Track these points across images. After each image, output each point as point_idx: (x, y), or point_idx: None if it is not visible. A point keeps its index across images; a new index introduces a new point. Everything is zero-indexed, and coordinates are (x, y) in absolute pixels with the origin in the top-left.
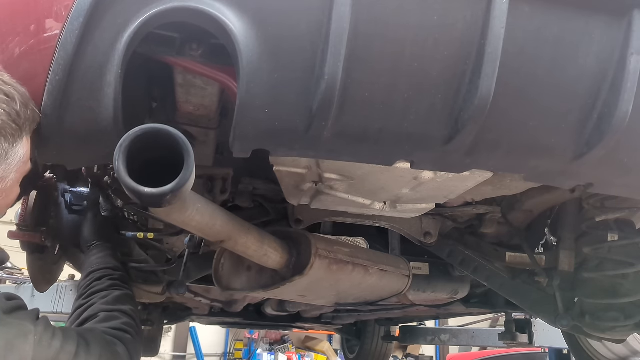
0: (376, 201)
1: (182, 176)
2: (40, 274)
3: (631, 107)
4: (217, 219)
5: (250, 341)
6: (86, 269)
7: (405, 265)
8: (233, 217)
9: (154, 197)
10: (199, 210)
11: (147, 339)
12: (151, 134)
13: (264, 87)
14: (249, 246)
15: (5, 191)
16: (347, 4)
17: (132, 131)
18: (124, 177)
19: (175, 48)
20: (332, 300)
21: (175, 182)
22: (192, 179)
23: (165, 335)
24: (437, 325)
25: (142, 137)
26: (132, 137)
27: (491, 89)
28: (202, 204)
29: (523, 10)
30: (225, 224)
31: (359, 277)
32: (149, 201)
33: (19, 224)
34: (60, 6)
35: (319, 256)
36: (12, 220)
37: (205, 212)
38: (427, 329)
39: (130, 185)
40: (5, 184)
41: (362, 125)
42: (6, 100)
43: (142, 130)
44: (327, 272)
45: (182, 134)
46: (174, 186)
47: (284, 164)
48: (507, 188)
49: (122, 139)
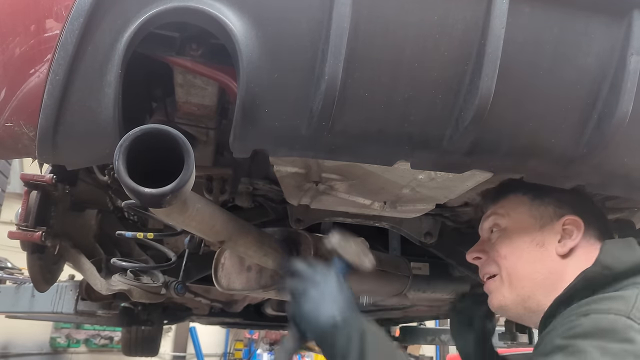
0: (376, 201)
1: (182, 176)
2: (40, 274)
3: (631, 107)
4: (217, 219)
5: (250, 341)
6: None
7: (405, 266)
8: (233, 217)
9: (154, 198)
10: (199, 211)
11: (147, 339)
12: (151, 135)
13: (264, 87)
14: (249, 246)
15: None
16: (347, 3)
17: (132, 131)
18: (124, 178)
19: (175, 48)
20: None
21: (175, 183)
22: (192, 179)
23: (165, 335)
24: (437, 325)
25: (142, 138)
26: (132, 137)
27: (491, 89)
28: (202, 204)
29: (523, 11)
30: (225, 224)
31: (358, 276)
32: (149, 201)
33: (19, 224)
34: (60, 6)
35: (319, 256)
36: (12, 220)
37: (205, 213)
38: (427, 329)
39: (131, 185)
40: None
41: (362, 125)
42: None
43: (142, 131)
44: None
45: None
46: (173, 186)
47: (284, 164)
48: None
49: (122, 139)
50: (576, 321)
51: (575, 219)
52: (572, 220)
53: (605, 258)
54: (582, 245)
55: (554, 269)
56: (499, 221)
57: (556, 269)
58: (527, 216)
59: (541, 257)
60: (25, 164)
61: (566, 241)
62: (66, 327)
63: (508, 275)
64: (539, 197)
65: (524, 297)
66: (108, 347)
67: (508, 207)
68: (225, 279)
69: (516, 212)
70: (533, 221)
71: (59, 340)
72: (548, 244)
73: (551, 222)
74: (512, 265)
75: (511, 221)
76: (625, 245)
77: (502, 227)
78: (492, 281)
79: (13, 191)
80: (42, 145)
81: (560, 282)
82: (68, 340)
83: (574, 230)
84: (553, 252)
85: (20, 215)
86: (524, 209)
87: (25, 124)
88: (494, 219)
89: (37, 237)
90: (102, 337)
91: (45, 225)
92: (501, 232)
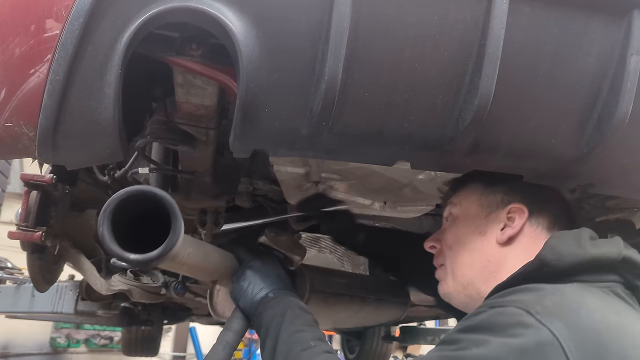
0: (376, 201)
1: (168, 241)
2: (40, 274)
3: (631, 107)
4: (210, 262)
5: (250, 341)
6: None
7: (402, 291)
8: (226, 256)
9: (140, 264)
10: (191, 255)
11: (147, 339)
12: (136, 197)
13: (264, 87)
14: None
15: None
16: (347, 3)
17: (117, 194)
18: (109, 244)
19: (175, 48)
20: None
21: (162, 248)
22: (181, 241)
23: (165, 335)
24: (437, 325)
25: (127, 201)
26: (117, 201)
27: (491, 89)
28: (193, 248)
29: (523, 11)
30: (219, 265)
31: (356, 307)
32: (135, 266)
33: (19, 224)
34: (60, 6)
35: (315, 290)
36: (12, 220)
37: (197, 256)
38: (427, 329)
39: (116, 252)
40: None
41: (362, 125)
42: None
43: (127, 194)
44: (323, 306)
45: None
46: (160, 252)
47: (284, 164)
48: None
49: (107, 203)
50: (477, 315)
51: (520, 207)
52: (516, 209)
53: (546, 254)
54: (526, 234)
55: (493, 257)
56: (452, 210)
57: (495, 257)
58: (476, 205)
59: (481, 245)
60: (25, 164)
61: (506, 229)
62: (66, 327)
63: (451, 264)
64: (490, 186)
65: (464, 285)
66: (108, 347)
67: (462, 196)
68: (220, 307)
69: (467, 200)
70: (480, 209)
71: (59, 340)
72: (490, 232)
73: (497, 210)
74: (455, 254)
75: (461, 209)
76: (572, 241)
77: (454, 216)
78: (440, 270)
79: (13, 191)
80: (42, 145)
81: (499, 270)
82: (68, 340)
83: (515, 219)
84: (493, 240)
85: (20, 215)
86: (474, 198)
87: (25, 124)
88: (449, 208)
89: (37, 237)
90: (102, 337)
91: (45, 225)
92: (452, 221)
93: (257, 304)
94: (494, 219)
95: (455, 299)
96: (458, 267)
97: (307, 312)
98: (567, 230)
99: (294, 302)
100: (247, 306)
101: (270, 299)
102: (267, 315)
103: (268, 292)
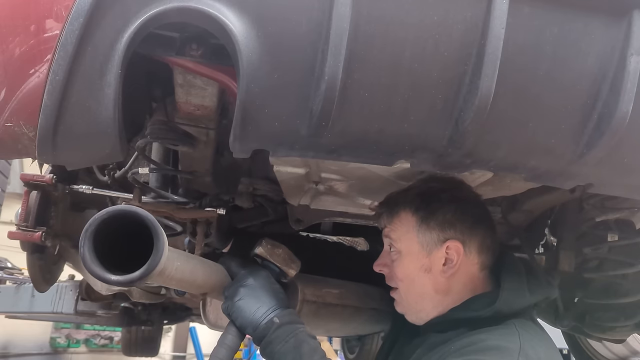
0: (376, 201)
1: (150, 261)
2: (40, 274)
3: (631, 107)
4: (198, 275)
5: (250, 341)
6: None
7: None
8: (215, 268)
9: (123, 284)
10: (178, 269)
11: (147, 339)
12: (118, 217)
13: (264, 87)
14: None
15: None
16: (347, 3)
17: (98, 215)
18: (90, 265)
19: (175, 48)
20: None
21: (144, 269)
22: (164, 259)
23: (165, 335)
24: None
25: (108, 221)
26: (98, 221)
27: (491, 89)
28: (181, 262)
29: (523, 11)
30: (207, 278)
31: (349, 316)
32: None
33: (19, 224)
34: (60, 6)
35: (307, 301)
36: (12, 220)
37: (185, 270)
38: None
39: (97, 273)
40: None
41: (362, 125)
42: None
43: (108, 214)
44: (315, 316)
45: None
46: (142, 273)
47: (284, 164)
48: (507, 188)
49: (88, 224)
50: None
51: (455, 244)
52: (453, 246)
53: (502, 306)
54: (464, 262)
55: (440, 288)
56: (394, 244)
57: (442, 288)
58: (416, 243)
59: (428, 281)
60: (25, 164)
61: (448, 267)
62: (66, 327)
63: (405, 295)
64: (425, 222)
65: (417, 310)
66: (108, 347)
67: (400, 231)
68: (212, 316)
69: (406, 237)
70: (420, 248)
71: (59, 340)
72: (434, 269)
73: (436, 247)
74: (406, 287)
75: (403, 246)
76: (519, 292)
77: (398, 250)
78: (395, 293)
79: (13, 191)
80: (42, 145)
81: (446, 296)
82: (68, 340)
83: (454, 256)
84: (439, 275)
85: (20, 215)
86: (412, 236)
87: (25, 124)
88: (389, 241)
89: (37, 237)
90: (102, 337)
91: (45, 225)
92: (397, 254)
93: (263, 329)
94: (435, 256)
95: (409, 317)
96: (412, 298)
97: (315, 339)
98: (514, 278)
99: (303, 330)
100: (246, 326)
101: (277, 326)
102: (280, 350)
103: (271, 314)
